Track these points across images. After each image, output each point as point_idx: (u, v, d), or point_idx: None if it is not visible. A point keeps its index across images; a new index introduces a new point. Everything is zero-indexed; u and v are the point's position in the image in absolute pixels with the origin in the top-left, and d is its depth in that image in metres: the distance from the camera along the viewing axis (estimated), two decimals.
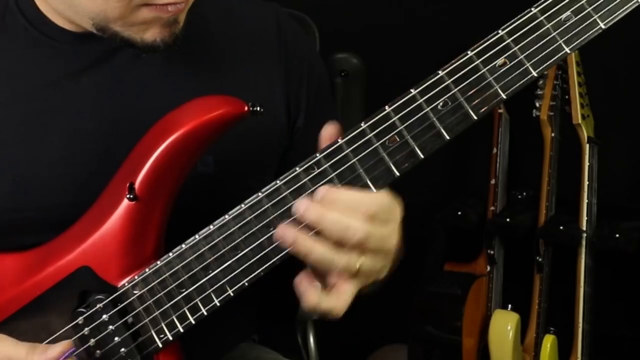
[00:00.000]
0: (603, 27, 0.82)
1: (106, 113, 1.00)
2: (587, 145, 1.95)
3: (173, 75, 1.03)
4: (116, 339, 0.92)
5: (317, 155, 0.86)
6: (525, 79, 0.82)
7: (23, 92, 1.00)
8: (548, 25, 0.82)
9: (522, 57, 0.82)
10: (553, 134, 1.97)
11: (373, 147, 0.84)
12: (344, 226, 0.82)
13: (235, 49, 1.08)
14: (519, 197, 2.02)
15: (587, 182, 1.94)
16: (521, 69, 0.82)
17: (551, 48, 0.82)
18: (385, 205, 0.85)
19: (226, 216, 0.89)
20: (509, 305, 1.96)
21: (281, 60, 1.10)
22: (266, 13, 1.13)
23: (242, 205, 0.88)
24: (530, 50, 0.82)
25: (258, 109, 0.91)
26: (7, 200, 0.99)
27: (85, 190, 0.97)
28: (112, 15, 0.92)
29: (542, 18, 0.82)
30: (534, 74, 0.82)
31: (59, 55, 1.01)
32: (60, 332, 0.93)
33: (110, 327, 0.92)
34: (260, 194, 0.88)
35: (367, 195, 0.84)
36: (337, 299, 0.85)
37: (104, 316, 0.92)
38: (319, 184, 0.85)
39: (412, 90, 0.83)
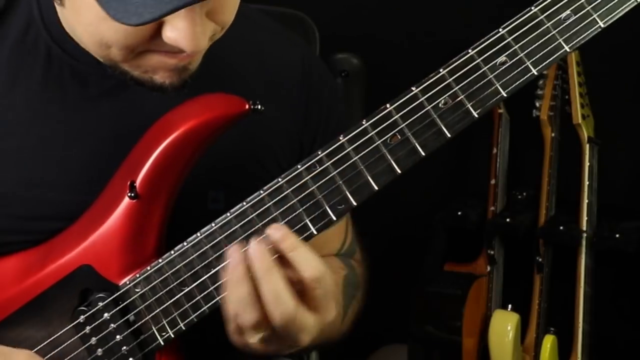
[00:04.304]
0: (602, 25, 0.82)
1: (125, 139, 0.97)
2: (587, 145, 1.95)
3: None
4: (118, 337, 0.93)
5: (319, 153, 0.86)
6: (526, 77, 0.83)
7: (42, 114, 0.98)
8: (548, 24, 0.82)
9: (522, 55, 0.82)
10: (553, 134, 1.97)
11: (375, 144, 0.84)
12: (275, 295, 0.84)
13: (256, 84, 1.05)
14: (519, 197, 2.02)
15: (587, 182, 1.94)
16: (521, 67, 0.82)
17: (551, 47, 0.82)
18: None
19: (228, 214, 0.89)
20: (509, 305, 1.95)
21: (301, 105, 1.08)
22: (294, 54, 1.10)
23: (244, 204, 0.89)
24: (531, 48, 0.82)
25: (259, 107, 0.91)
26: (20, 223, 0.97)
27: None
28: (116, 59, 0.90)
29: (542, 17, 0.82)
30: (534, 72, 0.82)
31: (79, 77, 0.98)
32: (62, 331, 0.93)
33: (112, 325, 0.93)
34: (262, 192, 0.88)
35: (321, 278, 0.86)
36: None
37: (106, 315, 0.93)
38: (320, 182, 0.86)
39: (413, 88, 0.83)
